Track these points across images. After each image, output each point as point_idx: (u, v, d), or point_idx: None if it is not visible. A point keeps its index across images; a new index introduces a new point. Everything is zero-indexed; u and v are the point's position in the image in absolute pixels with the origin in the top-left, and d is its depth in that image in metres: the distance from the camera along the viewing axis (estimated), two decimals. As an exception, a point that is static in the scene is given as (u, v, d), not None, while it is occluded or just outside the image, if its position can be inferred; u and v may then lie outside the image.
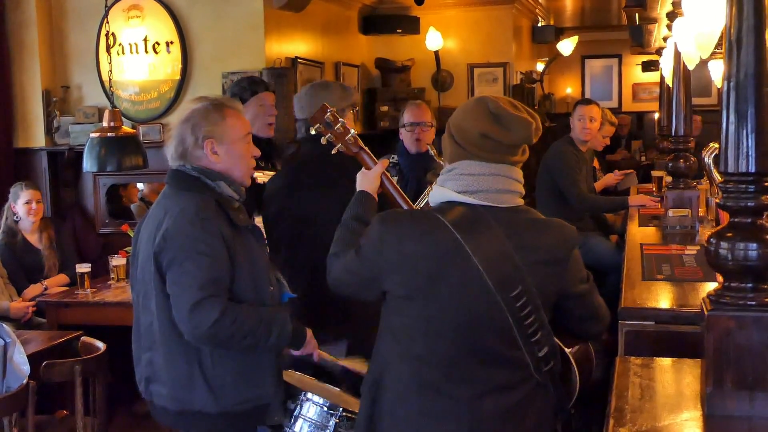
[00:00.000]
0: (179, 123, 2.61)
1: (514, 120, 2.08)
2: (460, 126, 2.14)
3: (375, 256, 2.13)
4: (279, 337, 2.54)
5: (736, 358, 1.82)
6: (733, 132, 1.79)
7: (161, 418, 2.66)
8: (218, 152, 2.57)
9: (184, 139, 2.58)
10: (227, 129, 2.60)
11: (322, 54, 7.08)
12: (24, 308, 4.82)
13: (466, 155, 2.11)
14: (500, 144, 2.08)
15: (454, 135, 2.15)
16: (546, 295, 2.09)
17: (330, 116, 2.57)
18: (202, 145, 2.56)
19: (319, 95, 3.08)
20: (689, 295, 2.93)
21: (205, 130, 2.57)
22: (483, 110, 2.11)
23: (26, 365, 3.17)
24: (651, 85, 12.07)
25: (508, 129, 2.07)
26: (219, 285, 2.45)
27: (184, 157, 2.59)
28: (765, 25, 1.77)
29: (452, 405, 2.05)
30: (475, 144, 2.09)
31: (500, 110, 2.09)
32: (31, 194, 5.17)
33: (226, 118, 2.61)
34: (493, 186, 2.09)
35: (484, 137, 2.08)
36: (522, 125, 2.08)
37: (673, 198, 4.45)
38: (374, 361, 2.21)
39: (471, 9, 8.82)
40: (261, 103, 3.74)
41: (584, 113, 5.47)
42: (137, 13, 5.95)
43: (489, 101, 2.11)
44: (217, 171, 2.59)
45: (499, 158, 2.09)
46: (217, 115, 2.59)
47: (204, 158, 2.58)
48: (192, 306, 2.39)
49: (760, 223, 1.84)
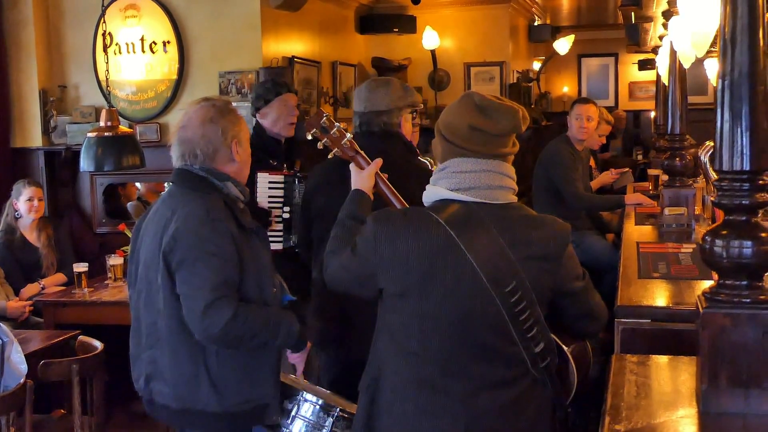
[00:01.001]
0: (200, 124, 2.59)
1: (499, 109, 2.10)
2: (448, 123, 2.16)
3: (370, 255, 2.14)
4: (286, 338, 2.56)
5: (730, 356, 1.83)
6: (728, 130, 1.80)
7: (161, 416, 2.66)
8: (238, 152, 2.62)
9: (212, 139, 2.58)
10: (243, 130, 2.67)
11: (319, 53, 7.08)
12: (21, 307, 4.82)
13: (456, 152, 2.13)
14: (489, 135, 2.10)
15: (444, 133, 2.16)
16: (541, 290, 2.10)
17: (326, 121, 2.59)
18: (230, 145, 2.59)
19: (378, 90, 3.08)
20: (685, 293, 2.94)
21: (232, 130, 2.61)
22: (469, 104, 2.14)
23: (24, 364, 3.18)
24: (647, 83, 12.10)
25: (494, 119, 2.10)
26: (230, 286, 2.46)
27: (210, 158, 2.59)
28: (759, 24, 1.78)
29: (448, 401, 2.06)
30: (464, 137, 2.11)
31: (485, 102, 2.12)
32: (33, 191, 5.20)
33: (240, 119, 2.67)
34: (485, 182, 2.10)
35: (473, 129, 2.10)
36: (508, 114, 2.10)
37: (669, 196, 4.47)
38: (371, 359, 2.22)
39: (467, 8, 8.82)
40: (285, 104, 3.90)
41: (581, 112, 5.48)
42: (134, 13, 5.94)
43: (474, 95, 2.15)
44: (224, 172, 2.60)
45: (489, 152, 2.11)
46: (235, 117, 2.65)
47: (227, 158, 2.60)
48: (205, 307, 2.40)
49: (754, 221, 1.85)
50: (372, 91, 3.07)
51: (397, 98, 3.06)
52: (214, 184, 2.58)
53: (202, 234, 2.46)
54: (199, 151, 2.58)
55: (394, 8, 8.53)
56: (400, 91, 3.09)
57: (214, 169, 2.59)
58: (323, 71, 7.09)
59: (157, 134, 5.96)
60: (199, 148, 2.58)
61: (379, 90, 3.06)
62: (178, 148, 2.63)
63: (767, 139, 1.81)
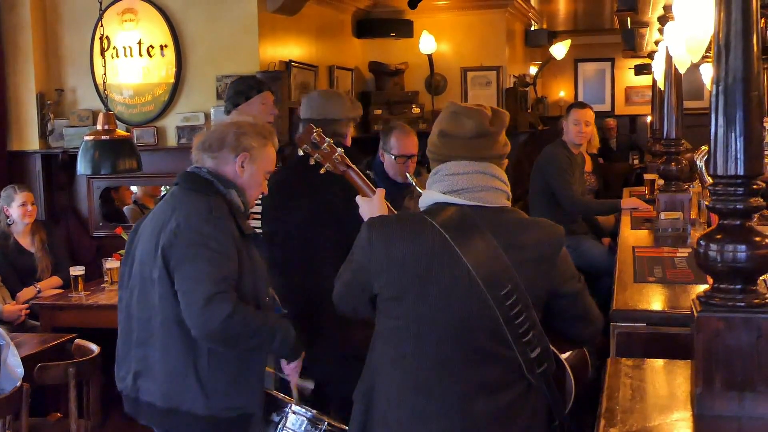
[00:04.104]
0: (227, 124, 2.68)
1: (465, 113, 2.15)
2: (431, 133, 2.23)
3: (365, 260, 2.15)
4: (282, 343, 2.56)
5: (725, 359, 1.84)
6: (722, 135, 1.81)
7: (145, 414, 2.63)
8: (245, 168, 2.62)
9: (226, 138, 2.62)
10: (264, 155, 2.69)
11: (316, 57, 7.09)
12: (17, 311, 4.82)
13: (436, 160, 2.19)
14: (458, 138, 2.14)
15: (428, 144, 2.23)
16: (536, 293, 2.11)
17: (316, 136, 2.59)
18: (238, 153, 2.61)
19: (331, 100, 3.13)
20: (680, 297, 2.95)
21: (248, 143, 2.63)
22: (445, 113, 2.21)
23: (20, 368, 3.18)
24: (644, 88, 12.10)
25: (460, 122, 2.14)
26: (229, 282, 2.47)
27: (215, 151, 2.62)
28: (753, 29, 1.78)
29: (444, 406, 2.06)
30: (437, 144, 2.18)
31: (458, 108, 2.18)
32: (25, 196, 5.18)
33: (268, 145, 2.69)
34: (478, 183, 2.12)
35: (442, 135, 2.17)
36: (472, 115, 2.14)
37: (665, 201, 4.47)
38: (367, 368, 2.22)
39: (464, 13, 8.84)
40: (264, 102, 3.92)
41: (579, 117, 5.48)
42: (131, 17, 5.95)
43: (452, 104, 2.21)
44: (231, 180, 2.62)
45: (473, 155, 2.13)
46: (263, 139, 2.67)
47: (229, 165, 2.62)
48: (205, 300, 2.40)
49: (748, 226, 1.85)
50: (327, 99, 3.14)
51: (348, 109, 3.13)
52: (218, 189, 2.59)
53: (205, 231, 2.47)
54: (208, 142, 2.62)
55: (391, 13, 8.54)
56: (349, 103, 3.17)
57: (221, 175, 2.61)
58: (320, 75, 7.10)
59: (154, 138, 5.96)
60: (210, 139, 2.63)
61: (333, 99, 3.14)
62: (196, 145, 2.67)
63: (761, 143, 1.82)
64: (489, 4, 8.71)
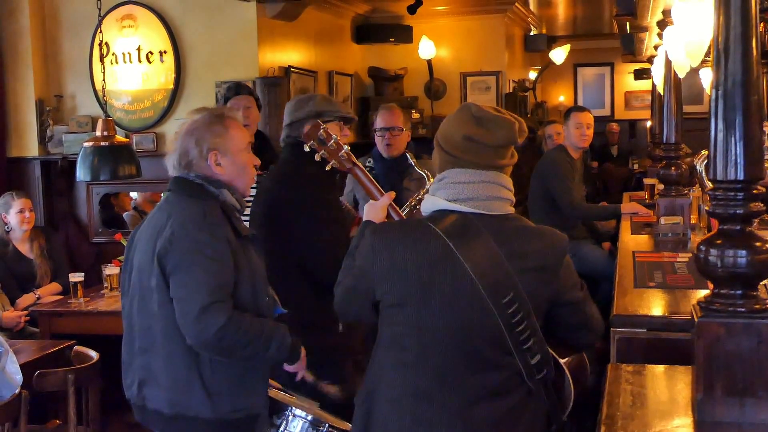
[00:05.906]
0: (182, 135, 2.62)
1: (495, 121, 2.11)
2: (445, 133, 2.17)
3: (368, 267, 2.14)
4: (278, 350, 2.55)
5: (726, 365, 1.83)
6: (722, 140, 1.81)
7: (153, 422, 2.64)
8: (222, 163, 2.60)
9: (188, 151, 2.59)
10: (230, 140, 2.62)
11: (315, 63, 7.09)
12: (17, 318, 4.81)
13: (454, 163, 2.14)
14: (484, 146, 2.10)
15: (441, 143, 2.18)
16: (537, 301, 2.10)
17: (323, 133, 2.59)
18: (206, 157, 2.58)
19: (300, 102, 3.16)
20: (681, 303, 2.94)
21: (210, 142, 2.59)
22: (466, 115, 2.14)
23: (19, 375, 3.17)
24: (643, 92, 12.13)
25: (490, 130, 2.10)
26: (225, 291, 2.46)
27: (188, 167, 2.60)
28: (752, 33, 1.78)
29: (445, 412, 2.06)
30: (459, 148, 2.12)
31: (482, 113, 2.12)
32: (23, 203, 5.17)
33: (228, 129, 2.63)
34: (483, 193, 2.11)
35: (469, 140, 2.11)
36: (504, 125, 2.11)
37: (665, 205, 4.47)
38: (369, 373, 2.21)
39: (463, 18, 8.85)
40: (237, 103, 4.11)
41: (581, 120, 5.48)
42: (131, 23, 5.96)
43: (472, 106, 2.16)
44: (219, 180, 2.60)
45: (486, 163, 2.11)
46: (220, 127, 2.61)
47: (208, 169, 2.60)
48: (200, 310, 2.39)
49: (748, 231, 1.85)
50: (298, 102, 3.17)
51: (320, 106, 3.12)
52: (210, 191, 2.58)
53: (199, 238, 2.46)
54: (176, 162, 2.61)
55: (390, 18, 8.56)
56: (323, 103, 3.15)
57: (209, 177, 2.59)
58: (319, 81, 7.11)
59: (153, 144, 5.96)
60: (177, 159, 2.61)
61: (302, 102, 3.15)
62: (170, 158, 2.65)
63: (761, 148, 1.81)
64: (488, 9, 8.73)
